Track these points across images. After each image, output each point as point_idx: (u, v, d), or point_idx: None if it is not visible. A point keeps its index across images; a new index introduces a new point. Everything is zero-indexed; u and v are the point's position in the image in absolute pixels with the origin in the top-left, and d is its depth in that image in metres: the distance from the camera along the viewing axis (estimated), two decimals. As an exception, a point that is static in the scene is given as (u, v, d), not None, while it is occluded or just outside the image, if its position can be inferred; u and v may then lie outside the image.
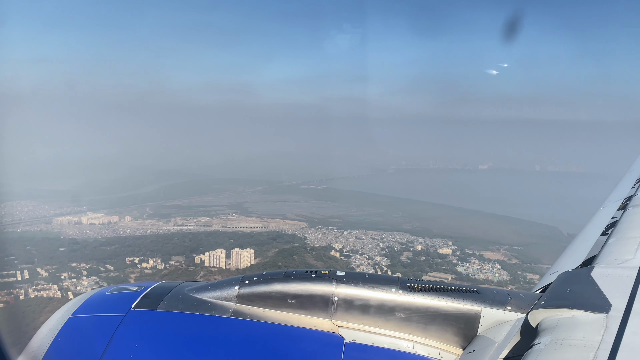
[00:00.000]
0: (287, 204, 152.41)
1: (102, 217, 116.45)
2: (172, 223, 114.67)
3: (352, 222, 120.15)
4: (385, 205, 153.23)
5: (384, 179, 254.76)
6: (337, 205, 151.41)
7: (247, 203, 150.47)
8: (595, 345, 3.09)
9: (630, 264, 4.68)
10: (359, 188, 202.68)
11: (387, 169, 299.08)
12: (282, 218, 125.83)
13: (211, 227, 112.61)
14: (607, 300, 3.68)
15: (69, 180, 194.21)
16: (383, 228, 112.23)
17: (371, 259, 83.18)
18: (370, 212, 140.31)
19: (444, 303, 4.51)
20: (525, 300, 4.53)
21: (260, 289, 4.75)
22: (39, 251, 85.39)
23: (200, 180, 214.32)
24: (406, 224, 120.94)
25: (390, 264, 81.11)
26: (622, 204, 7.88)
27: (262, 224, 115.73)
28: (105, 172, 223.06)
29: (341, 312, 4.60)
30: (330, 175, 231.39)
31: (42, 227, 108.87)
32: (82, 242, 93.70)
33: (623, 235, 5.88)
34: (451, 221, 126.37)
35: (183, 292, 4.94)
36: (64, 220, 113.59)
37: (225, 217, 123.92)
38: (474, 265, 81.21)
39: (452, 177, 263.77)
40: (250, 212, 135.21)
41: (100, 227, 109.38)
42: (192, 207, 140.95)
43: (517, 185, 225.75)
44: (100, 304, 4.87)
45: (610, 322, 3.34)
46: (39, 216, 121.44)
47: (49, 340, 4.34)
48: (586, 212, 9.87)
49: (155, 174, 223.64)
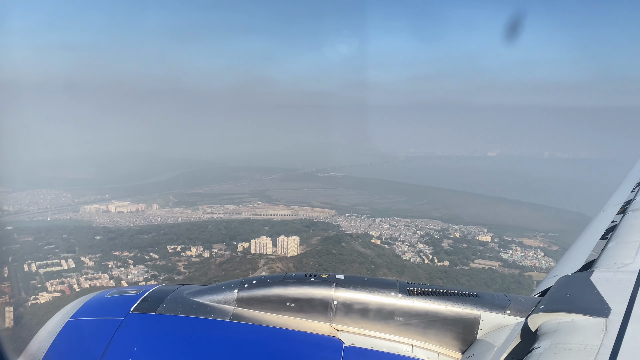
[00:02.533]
0: (308, 192, 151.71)
1: (129, 206, 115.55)
2: (200, 211, 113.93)
3: (380, 210, 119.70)
4: (406, 192, 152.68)
5: (396, 166, 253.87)
6: (359, 193, 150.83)
7: (268, 191, 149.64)
8: (595, 349, 3.06)
9: (629, 268, 4.68)
10: (375, 175, 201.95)
11: (397, 156, 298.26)
12: (308, 206, 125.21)
13: (240, 214, 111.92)
14: (606, 304, 3.67)
15: (84, 169, 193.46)
16: (413, 215, 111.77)
17: (413, 246, 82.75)
18: (395, 199, 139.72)
19: (444, 307, 4.49)
20: (525, 304, 4.49)
21: (259, 293, 4.72)
22: (77, 240, 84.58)
23: (215, 168, 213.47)
24: (434, 211, 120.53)
25: (434, 251, 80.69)
26: (622, 208, 7.87)
27: (291, 212, 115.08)
28: (116, 160, 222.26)
29: (340, 315, 4.58)
30: (343, 163, 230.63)
31: (71, 216, 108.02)
32: (117, 231, 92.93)
33: (622, 239, 5.88)
34: (478, 208, 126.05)
35: (182, 296, 4.88)
36: (91, 209, 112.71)
37: (252, 205, 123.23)
38: (517, 253, 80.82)
39: (463, 164, 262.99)
40: (274, 199, 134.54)
41: (129, 215, 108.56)
42: (215, 195, 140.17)
43: (531, 172, 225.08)
44: (99, 307, 4.82)
45: (609, 327, 3.32)
46: (64, 204, 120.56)
47: (47, 343, 4.31)
48: (605, 198, 9.64)
49: (165, 163, 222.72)
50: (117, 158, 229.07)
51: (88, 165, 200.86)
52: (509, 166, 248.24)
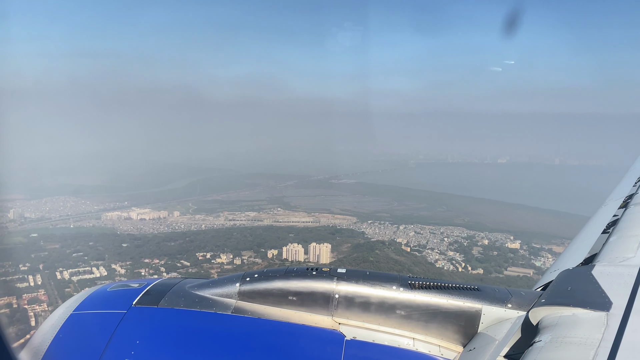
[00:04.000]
0: (325, 199, 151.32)
1: (151, 213, 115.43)
2: (222, 218, 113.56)
3: (401, 217, 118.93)
4: (423, 199, 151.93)
5: (408, 172, 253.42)
6: (377, 200, 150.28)
7: (285, 198, 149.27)
8: (596, 343, 3.06)
9: (631, 262, 4.64)
10: (388, 182, 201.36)
11: (407, 163, 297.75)
12: (329, 212, 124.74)
13: (262, 221, 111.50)
14: (607, 298, 3.65)
15: (98, 176, 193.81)
16: (436, 222, 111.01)
17: (443, 254, 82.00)
18: (414, 206, 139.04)
19: (445, 300, 4.49)
20: (526, 298, 4.49)
21: (261, 286, 4.72)
22: (104, 247, 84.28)
23: (227, 175, 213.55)
24: (456, 218, 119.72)
25: (465, 259, 79.93)
26: (624, 202, 7.83)
27: (312, 219, 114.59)
28: (129, 167, 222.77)
29: (342, 309, 4.59)
30: (353, 170, 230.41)
31: (94, 223, 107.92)
32: (142, 238, 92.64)
33: (624, 233, 5.87)
34: (500, 215, 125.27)
35: (184, 289, 4.90)
36: (113, 216, 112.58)
37: (272, 212, 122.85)
38: (549, 260, 79.85)
39: (475, 170, 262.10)
40: (292, 206, 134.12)
41: (152, 222, 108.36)
42: (233, 202, 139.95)
43: (545, 178, 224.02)
44: (101, 300, 4.84)
45: (611, 320, 3.31)
46: (85, 212, 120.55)
47: (50, 336, 4.33)
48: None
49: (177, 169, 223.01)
50: (130, 165, 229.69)
51: (101, 173, 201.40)
52: (521, 173, 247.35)
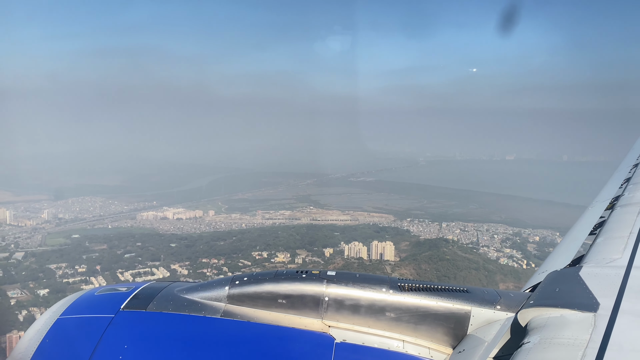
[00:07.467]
0: (352, 197, 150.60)
1: (185, 212, 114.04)
2: (259, 217, 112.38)
3: (437, 214, 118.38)
4: (450, 196, 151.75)
5: (421, 170, 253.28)
6: (404, 198, 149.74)
7: (312, 196, 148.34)
8: (584, 343, 3.11)
9: (617, 263, 4.70)
10: (406, 179, 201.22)
11: (417, 160, 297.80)
12: (363, 211, 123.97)
13: (299, 220, 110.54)
14: (595, 299, 3.69)
15: (111, 175, 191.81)
16: (475, 220, 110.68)
17: (500, 251, 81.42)
18: (444, 203, 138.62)
19: (434, 303, 4.47)
20: (515, 299, 4.49)
21: (250, 289, 4.67)
22: (155, 247, 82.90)
23: (243, 175, 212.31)
24: (492, 215, 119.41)
25: (523, 255, 79.33)
26: (610, 203, 7.99)
27: (350, 217, 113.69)
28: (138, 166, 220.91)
29: (332, 312, 4.55)
30: (368, 168, 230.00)
31: (130, 223, 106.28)
32: (188, 237, 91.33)
33: (611, 234, 5.94)
34: (534, 211, 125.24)
35: (173, 293, 4.84)
36: (148, 216, 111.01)
37: (306, 210, 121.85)
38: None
39: (487, 167, 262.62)
40: (323, 204, 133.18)
41: (189, 222, 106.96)
42: (262, 201, 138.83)
43: (559, 175, 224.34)
44: (89, 305, 4.76)
45: (598, 321, 3.35)
46: (116, 212, 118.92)
47: (36, 342, 4.27)
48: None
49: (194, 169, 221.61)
50: (142, 164, 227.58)
51: (114, 172, 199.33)
52: (532, 169, 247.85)
